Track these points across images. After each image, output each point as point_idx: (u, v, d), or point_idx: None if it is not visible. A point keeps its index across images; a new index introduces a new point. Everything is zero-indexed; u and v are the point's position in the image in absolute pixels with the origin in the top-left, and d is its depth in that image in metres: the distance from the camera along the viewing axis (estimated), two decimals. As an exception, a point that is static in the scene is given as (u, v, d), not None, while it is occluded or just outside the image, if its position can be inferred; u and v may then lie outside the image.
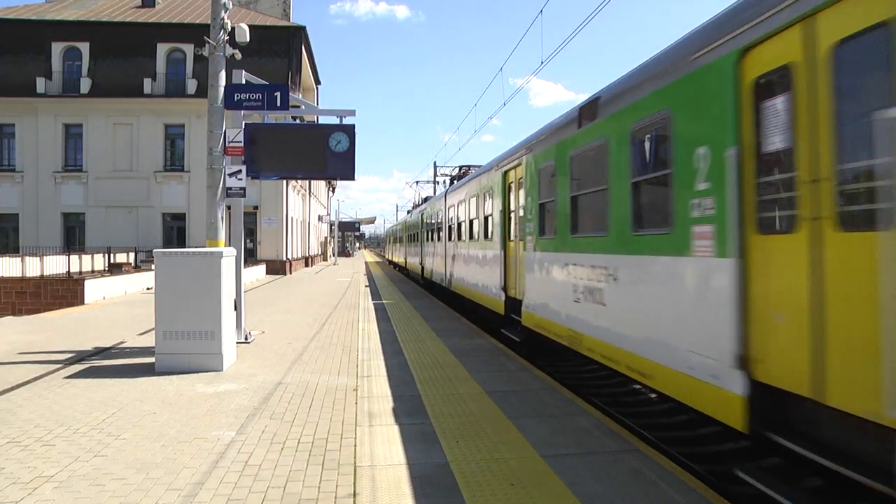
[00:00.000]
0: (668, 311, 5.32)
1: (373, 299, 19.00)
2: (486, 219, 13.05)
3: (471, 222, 14.74)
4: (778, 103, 4.13)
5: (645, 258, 5.78)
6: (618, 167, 6.31)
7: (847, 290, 3.51)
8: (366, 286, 24.35)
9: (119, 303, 17.31)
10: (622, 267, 6.24)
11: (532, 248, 9.38)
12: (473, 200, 14.38)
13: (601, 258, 6.74)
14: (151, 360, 8.30)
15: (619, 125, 6.35)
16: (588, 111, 7.23)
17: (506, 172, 11.25)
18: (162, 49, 33.55)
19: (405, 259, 36.89)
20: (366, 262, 50.85)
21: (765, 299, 4.17)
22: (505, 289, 11.21)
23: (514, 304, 10.53)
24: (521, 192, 10.05)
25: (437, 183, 48.42)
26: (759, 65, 4.29)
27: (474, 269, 14.19)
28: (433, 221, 22.35)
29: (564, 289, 7.85)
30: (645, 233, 5.81)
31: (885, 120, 3.27)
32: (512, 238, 10.92)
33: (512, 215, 11.00)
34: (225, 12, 10.16)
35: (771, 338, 4.11)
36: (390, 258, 53.85)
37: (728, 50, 4.55)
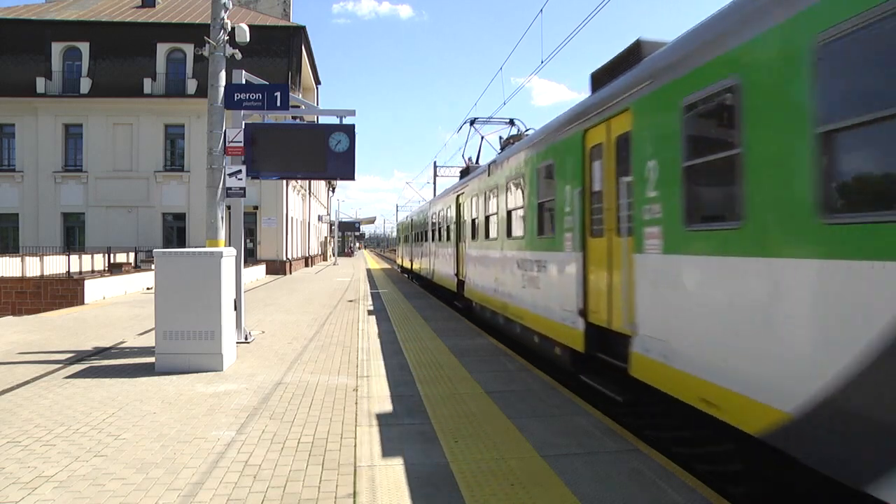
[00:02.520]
0: (551, 285, 8.35)
1: (373, 300, 19.00)
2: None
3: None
4: (596, 164, 7.04)
5: (542, 253, 8.86)
6: (531, 193, 9.49)
7: (618, 267, 6.28)
8: (366, 287, 24.34)
9: (119, 303, 17.31)
10: (532, 258, 9.33)
11: (468, 246, 14.76)
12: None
13: (522, 253, 9.90)
14: (151, 359, 8.30)
15: (525, 167, 9.82)
16: (495, 165, 12.08)
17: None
18: (162, 49, 33.55)
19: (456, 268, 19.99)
20: (368, 270, 39.87)
21: (592, 275, 6.99)
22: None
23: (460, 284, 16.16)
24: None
25: (437, 185, 48.43)
26: (590, 140, 7.19)
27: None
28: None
29: (498, 274, 11.50)
30: (543, 237, 8.84)
31: (627, 182, 6.16)
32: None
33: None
34: (225, 12, 10.16)
35: (593, 297, 6.97)
36: (406, 263, 36.03)
37: (579, 129, 7.45)
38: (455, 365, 8.64)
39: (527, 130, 14.19)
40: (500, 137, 15.26)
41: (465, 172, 17.78)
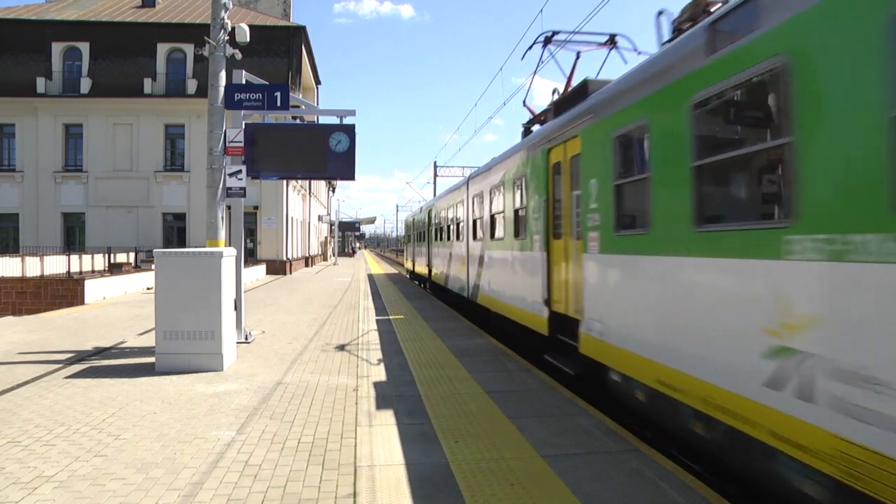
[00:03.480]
0: (523, 280, 9.93)
1: (373, 300, 19.00)
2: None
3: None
4: (558, 178, 8.40)
5: (516, 252, 10.39)
6: (511, 201, 10.81)
7: (571, 263, 7.73)
8: (366, 287, 24.34)
9: (119, 303, 17.31)
10: (510, 257, 10.80)
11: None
12: None
13: (502, 252, 11.41)
14: (151, 359, 8.30)
15: (500, 180, 11.60)
16: (472, 178, 14.30)
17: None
18: (162, 49, 33.55)
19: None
20: (369, 275, 32.85)
21: (554, 271, 8.43)
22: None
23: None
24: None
25: (437, 185, 48.34)
26: (552, 158, 8.62)
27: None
28: None
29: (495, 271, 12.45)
30: (519, 238, 10.23)
31: (577, 194, 7.58)
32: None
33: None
34: (225, 12, 10.17)
35: (555, 289, 8.45)
36: (420, 268, 27.77)
37: (544, 147, 8.87)
38: (455, 365, 8.64)
39: (639, 53, 10.04)
40: (555, 92, 10.01)
41: (534, 124, 11.01)
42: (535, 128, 10.72)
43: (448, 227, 18.68)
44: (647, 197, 5.64)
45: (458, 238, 16.77)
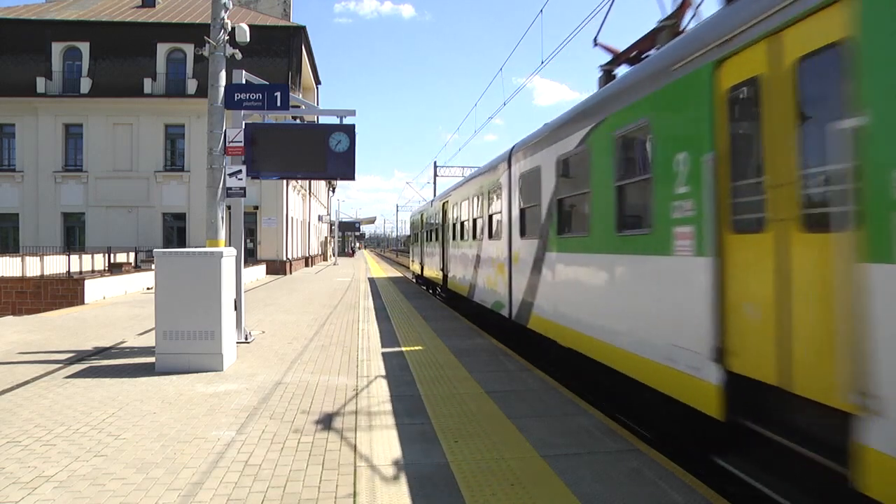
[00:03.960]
0: (646, 305, 6.02)
1: (373, 299, 18.99)
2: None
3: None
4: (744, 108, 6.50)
5: (633, 257, 6.87)
6: (607, 174, 8.74)
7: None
8: (366, 287, 24.33)
9: (119, 303, 17.31)
10: (615, 266, 8.91)
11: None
12: None
13: (590, 257, 10.01)
14: (151, 359, 8.30)
15: (585, 144, 9.41)
16: (520, 150, 11.50)
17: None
18: (162, 49, 33.56)
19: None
20: (371, 280, 28.14)
21: (736, 291, 4.68)
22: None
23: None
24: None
25: (437, 185, 48.33)
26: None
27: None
28: None
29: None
30: (639, 233, 10.13)
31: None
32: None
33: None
34: (225, 12, 10.17)
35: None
36: (431, 272, 23.70)
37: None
38: (455, 365, 8.63)
39: None
40: None
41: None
42: (621, 70, 7.98)
43: (474, 221, 14.51)
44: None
45: (490, 236, 12.61)
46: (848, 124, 3.50)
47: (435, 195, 41.27)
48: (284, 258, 34.00)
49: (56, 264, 22.17)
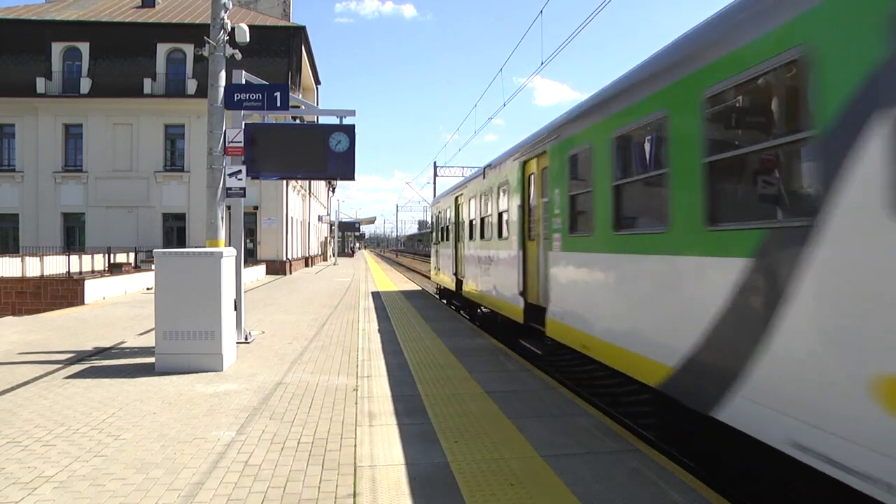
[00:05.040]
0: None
1: (373, 299, 19.00)
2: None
3: None
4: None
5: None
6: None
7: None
8: (366, 287, 24.33)
9: (119, 303, 17.31)
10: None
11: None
12: None
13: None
14: (151, 360, 8.30)
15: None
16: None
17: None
18: (162, 49, 33.56)
19: None
20: (375, 295, 20.16)
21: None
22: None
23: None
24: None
25: (437, 185, 48.27)
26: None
27: None
28: None
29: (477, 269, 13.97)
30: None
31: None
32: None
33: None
34: (225, 12, 10.16)
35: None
36: (472, 286, 14.55)
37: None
38: (455, 365, 8.63)
39: None
40: None
41: None
42: None
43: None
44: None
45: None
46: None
47: (435, 196, 39.92)
48: (284, 258, 34.01)
49: (56, 264, 22.16)
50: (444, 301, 20.18)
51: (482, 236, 13.42)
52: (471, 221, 14.68)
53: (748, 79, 4.31)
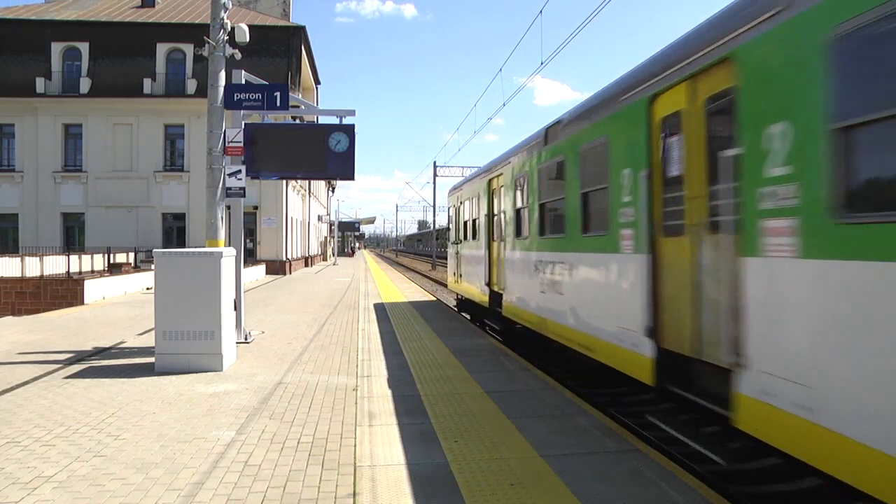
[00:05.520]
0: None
1: (372, 299, 18.99)
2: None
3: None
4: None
5: (472, 251, 13.86)
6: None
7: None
8: (365, 287, 24.33)
9: (119, 303, 17.31)
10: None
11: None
12: None
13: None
14: (151, 360, 8.30)
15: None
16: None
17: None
18: (161, 49, 33.55)
19: None
20: (380, 308, 16.09)
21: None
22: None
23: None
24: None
25: (437, 185, 48.24)
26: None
27: None
28: None
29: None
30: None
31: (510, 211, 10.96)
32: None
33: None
34: (225, 12, 10.16)
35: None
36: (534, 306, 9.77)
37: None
38: (455, 365, 8.63)
39: None
40: None
41: None
42: None
43: None
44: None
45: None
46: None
47: (435, 195, 39.64)
48: (284, 258, 34.00)
49: (56, 264, 22.15)
50: (467, 315, 16.45)
51: (544, 230, 9.21)
52: (518, 212, 10.60)
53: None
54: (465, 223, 15.71)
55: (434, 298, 20.40)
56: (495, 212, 12.45)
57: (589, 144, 7.39)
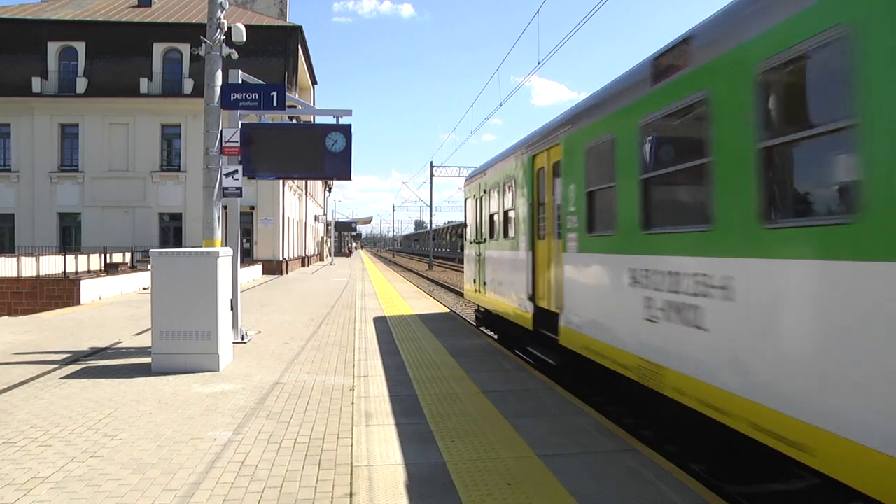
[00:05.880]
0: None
1: (369, 298, 18.98)
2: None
3: None
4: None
5: (504, 252, 11.50)
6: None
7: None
8: (363, 286, 24.31)
9: (115, 303, 17.27)
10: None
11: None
12: None
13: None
14: (148, 360, 8.28)
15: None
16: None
17: None
18: (158, 49, 33.48)
19: None
20: (381, 320, 13.73)
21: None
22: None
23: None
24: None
25: (434, 185, 48.17)
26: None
27: None
28: None
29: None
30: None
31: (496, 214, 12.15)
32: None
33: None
34: (221, 12, 10.14)
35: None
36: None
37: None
38: (452, 364, 8.63)
39: None
40: None
41: None
42: None
43: None
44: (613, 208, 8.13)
45: None
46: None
47: (432, 196, 39.71)
48: (281, 258, 33.96)
49: (52, 265, 22.09)
50: (490, 332, 13.57)
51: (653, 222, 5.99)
52: (590, 196, 7.43)
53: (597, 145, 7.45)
54: (492, 217, 12.52)
55: (431, 299, 20.39)
56: (543, 200, 9.38)
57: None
